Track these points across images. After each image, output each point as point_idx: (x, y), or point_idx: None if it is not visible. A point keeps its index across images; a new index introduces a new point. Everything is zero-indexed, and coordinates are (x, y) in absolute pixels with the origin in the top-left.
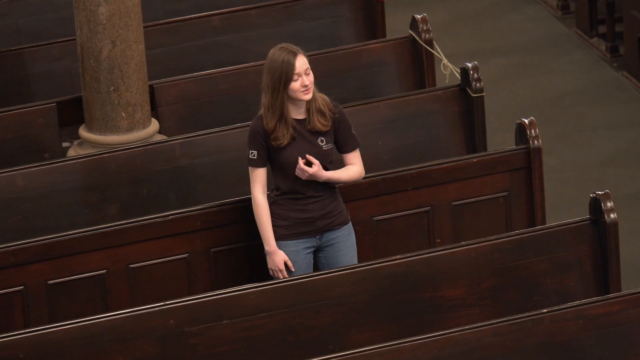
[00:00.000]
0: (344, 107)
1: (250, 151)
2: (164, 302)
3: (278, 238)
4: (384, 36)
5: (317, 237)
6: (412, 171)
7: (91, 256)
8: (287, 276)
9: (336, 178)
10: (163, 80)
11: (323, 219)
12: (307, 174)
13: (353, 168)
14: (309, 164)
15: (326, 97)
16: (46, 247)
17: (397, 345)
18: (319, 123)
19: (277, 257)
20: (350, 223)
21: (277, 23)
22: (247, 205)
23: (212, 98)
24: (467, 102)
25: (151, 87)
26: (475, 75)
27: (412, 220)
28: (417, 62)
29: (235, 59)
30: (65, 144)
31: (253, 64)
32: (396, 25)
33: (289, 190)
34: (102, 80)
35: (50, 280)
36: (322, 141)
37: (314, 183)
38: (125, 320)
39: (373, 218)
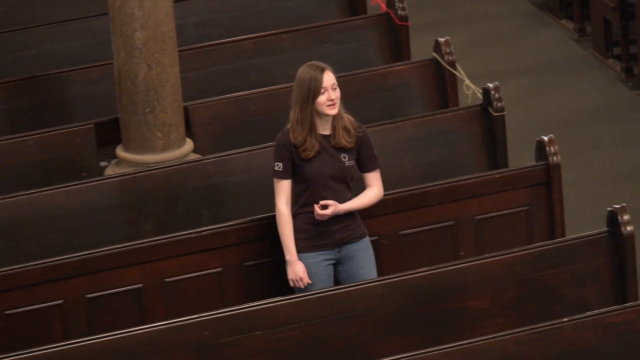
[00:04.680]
0: (370, 126)
1: (276, 163)
2: (199, 314)
3: (298, 251)
4: (409, 58)
5: (335, 250)
6: (437, 187)
7: (128, 271)
8: (306, 284)
9: (355, 207)
10: (197, 101)
11: (340, 232)
12: (326, 216)
13: (370, 193)
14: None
15: (352, 117)
16: (84, 262)
17: (423, 355)
18: (343, 139)
19: (297, 266)
20: (367, 237)
21: (306, 46)
22: None
23: (244, 118)
24: (488, 121)
25: (186, 108)
26: (497, 95)
27: (437, 234)
28: (441, 83)
29: (266, 81)
30: (102, 164)
31: (283, 85)
32: (420, 48)
33: (310, 203)
34: (138, 102)
35: (89, 294)
36: (344, 157)
37: (335, 197)
38: (160, 332)
39: (400, 232)
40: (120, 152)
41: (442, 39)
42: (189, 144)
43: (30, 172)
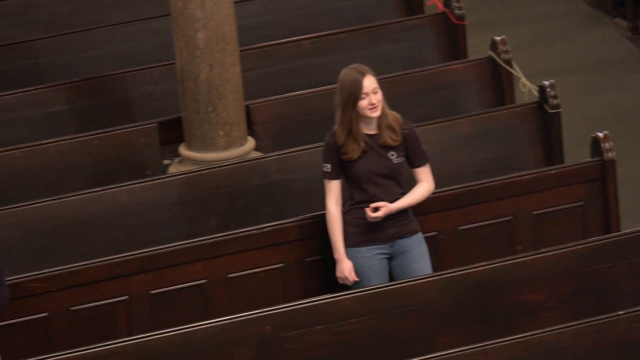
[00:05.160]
0: (428, 124)
1: (325, 164)
2: (261, 309)
3: (352, 245)
4: (466, 57)
5: (388, 245)
6: (495, 183)
7: (191, 267)
8: (352, 283)
9: (406, 204)
10: (258, 100)
11: (392, 227)
12: (379, 218)
13: (420, 189)
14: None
15: (397, 115)
16: (149, 259)
17: (482, 348)
18: (389, 138)
19: (344, 265)
20: (420, 233)
21: (364, 46)
22: None
23: (303, 117)
24: (544, 118)
25: (247, 107)
26: (552, 92)
27: (495, 229)
28: (497, 81)
29: (324, 80)
30: (166, 162)
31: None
32: (477, 47)
33: (361, 200)
34: (200, 101)
35: (153, 290)
36: (392, 155)
37: (384, 193)
38: (224, 327)
39: (458, 228)
40: (183, 150)
41: (498, 38)
42: (250, 142)
43: (94, 171)
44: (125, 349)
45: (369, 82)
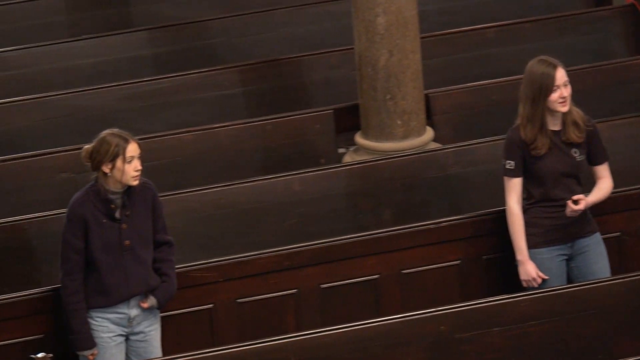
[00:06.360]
0: (614, 119)
1: (507, 161)
2: (436, 308)
3: (532, 246)
4: None
5: (568, 245)
6: None
7: (364, 261)
8: (539, 284)
9: (597, 200)
10: (438, 89)
11: (573, 226)
12: (579, 212)
13: (604, 185)
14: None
15: (580, 111)
16: (320, 251)
17: None
18: (573, 134)
19: (529, 266)
20: (598, 233)
21: (550, 36)
22: None
23: (484, 108)
24: None
25: (426, 96)
26: None
27: None
28: None
29: (507, 71)
30: (340, 150)
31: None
32: None
33: (542, 199)
34: (378, 89)
35: (323, 284)
36: (575, 152)
37: (566, 192)
38: (396, 326)
39: None
40: (359, 139)
41: None
42: (429, 133)
43: (266, 157)
44: (292, 345)
45: (561, 75)
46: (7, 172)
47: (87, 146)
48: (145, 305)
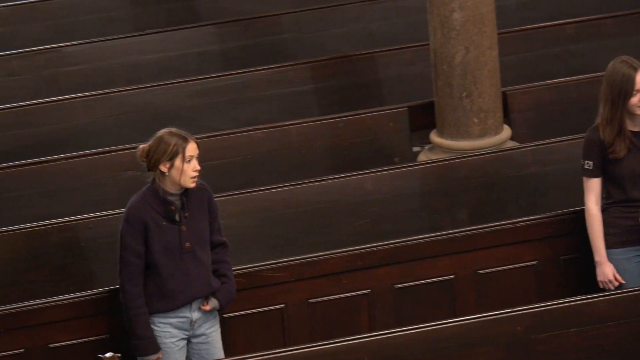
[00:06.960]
0: None
1: (586, 162)
2: (512, 309)
3: (609, 246)
4: None
5: None
6: None
7: (439, 261)
8: (616, 286)
9: None
10: (515, 87)
11: None
12: None
13: None
14: None
15: None
16: (394, 251)
17: None
18: None
19: (607, 268)
20: None
21: (631, 32)
22: None
23: (563, 106)
24: None
25: (504, 93)
26: None
27: None
28: None
29: (587, 68)
30: (415, 149)
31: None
32: None
33: (621, 199)
34: (454, 86)
35: (397, 284)
36: None
37: None
38: (471, 326)
39: None
40: (434, 137)
41: None
42: (506, 131)
43: (338, 155)
44: (366, 346)
45: None
46: (72, 170)
47: (143, 145)
48: (207, 307)
